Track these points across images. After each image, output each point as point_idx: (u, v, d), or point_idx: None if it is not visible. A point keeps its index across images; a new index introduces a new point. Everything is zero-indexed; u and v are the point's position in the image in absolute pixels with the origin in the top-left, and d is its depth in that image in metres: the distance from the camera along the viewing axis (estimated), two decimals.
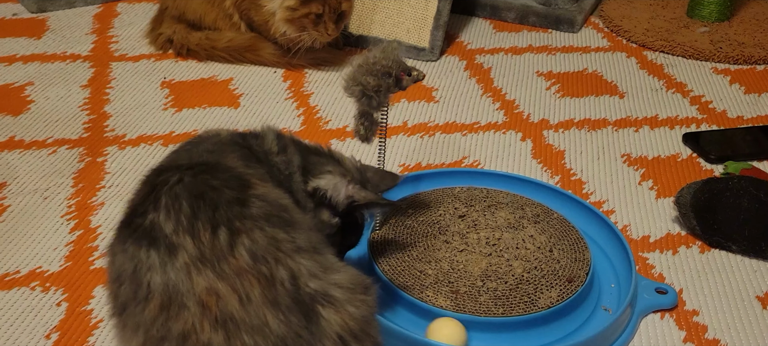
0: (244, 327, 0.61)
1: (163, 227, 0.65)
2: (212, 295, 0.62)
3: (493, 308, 0.89)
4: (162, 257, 0.63)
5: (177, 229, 0.64)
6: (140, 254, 0.64)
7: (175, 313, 0.62)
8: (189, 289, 0.62)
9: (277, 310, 0.62)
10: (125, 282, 0.65)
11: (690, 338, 0.93)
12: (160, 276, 0.63)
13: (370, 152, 1.27)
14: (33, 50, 1.62)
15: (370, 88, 0.86)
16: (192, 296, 0.62)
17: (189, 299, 0.62)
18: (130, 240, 0.66)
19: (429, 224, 1.02)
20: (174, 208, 0.66)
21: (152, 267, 0.63)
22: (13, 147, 1.28)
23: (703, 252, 1.07)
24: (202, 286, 0.62)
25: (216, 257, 0.63)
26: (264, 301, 0.62)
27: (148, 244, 0.64)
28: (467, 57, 1.65)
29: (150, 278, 0.63)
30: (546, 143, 1.33)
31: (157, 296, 0.63)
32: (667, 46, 1.68)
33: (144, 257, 0.64)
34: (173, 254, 0.63)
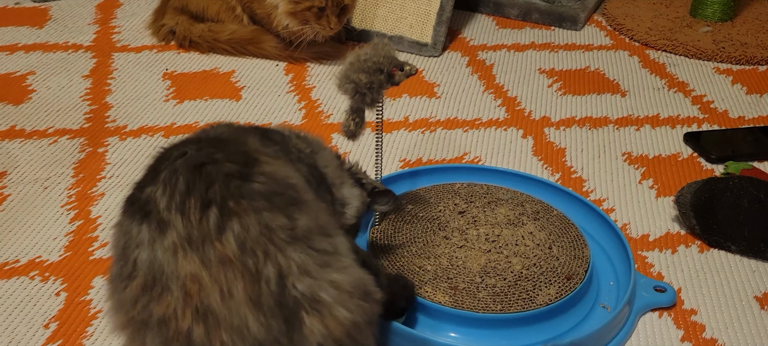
0: (223, 324, 0.59)
1: (158, 201, 0.62)
2: (195, 282, 0.59)
3: (491, 304, 0.89)
4: (152, 233, 0.61)
5: (170, 205, 0.62)
6: (132, 228, 0.62)
7: (158, 295, 0.60)
8: (174, 271, 0.60)
9: (258, 311, 0.59)
10: (116, 258, 0.64)
11: (688, 336, 0.93)
12: (147, 253, 0.61)
13: (368, 147, 1.27)
14: (35, 40, 1.62)
15: (362, 85, 0.86)
16: (176, 280, 0.60)
17: (173, 283, 0.60)
18: (127, 214, 0.64)
19: (429, 219, 1.02)
20: (171, 182, 0.63)
21: (141, 243, 0.61)
22: (14, 136, 1.28)
23: (703, 252, 1.07)
24: (187, 270, 0.60)
25: (202, 240, 0.60)
26: (246, 299, 0.59)
27: (142, 217, 0.62)
28: (469, 53, 1.65)
29: (137, 255, 0.61)
30: (547, 141, 1.33)
31: (141, 275, 0.61)
32: (669, 46, 1.67)
33: (135, 232, 0.62)
34: (163, 232, 0.61)
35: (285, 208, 0.63)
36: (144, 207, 0.63)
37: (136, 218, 0.63)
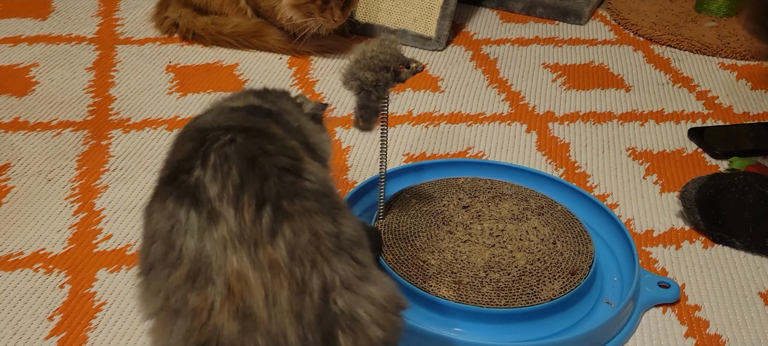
0: (261, 329, 0.58)
1: (208, 188, 0.61)
2: (241, 281, 0.59)
3: (495, 299, 0.89)
4: (201, 222, 0.60)
5: (222, 195, 0.61)
6: (180, 213, 0.61)
7: (200, 286, 0.59)
8: (221, 266, 0.59)
9: (299, 324, 0.59)
10: (158, 241, 0.62)
11: (691, 333, 0.93)
12: (195, 242, 0.60)
13: (373, 141, 1.27)
14: (38, 31, 1.62)
15: (368, 83, 0.85)
16: (222, 275, 0.59)
17: (218, 277, 0.59)
18: (172, 197, 0.62)
19: (433, 214, 1.02)
20: (222, 170, 0.62)
21: (189, 230, 0.60)
22: (18, 128, 1.28)
23: (707, 247, 1.07)
24: (234, 267, 0.59)
25: (254, 241, 0.59)
26: (289, 309, 0.59)
27: (190, 204, 0.61)
28: (473, 47, 1.64)
29: (184, 242, 0.60)
30: (551, 135, 1.33)
31: (186, 263, 0.60)
32: (674, 41, 1.67)
33: (183, 218, 0.61)
34: (214, 223, 0.60)
35: (331, 211, 0.63)
36: (193, 193, 0.61)
37: (184, 203, 0.61)
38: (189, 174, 0.63)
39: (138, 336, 0.88)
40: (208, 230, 0.60)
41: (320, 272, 0.61)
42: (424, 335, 0.85)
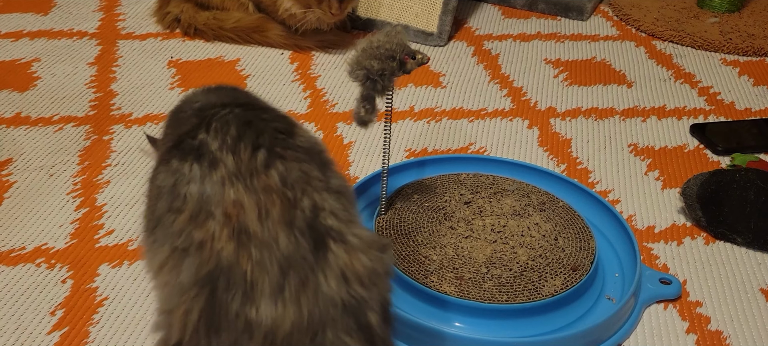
0: (255, 241, 0.62)
1: (210, 144, 0.67)
2: (237, 206, 0.63)
3: (497, 294, 0.89)
4: (203, 170, 0.65)
5: (222, 147, 0.67)
6: (184, 167, 0.66)
7: (202, 221, 0.63)
8: (219, 200, 0.64)
9: (290, 230, 0.63)
10: (163, 196, 0.67)
11: (693, 329, 0.93)
12: (198, 187, 0.65)
13: (376, 136, 1.27)
14: (40, 26, 1.62)
15: (374, 72, 0.86)
16: (220, 206, 0.63)
17: (217, 209, 0.63)
18: (177, 157, 0.68)
19: (434, 209, 1.02)
20: (222, 130, 0.68)
21: (193, 179, 0.65)
22: (20, 123, 1.28)
23: (708, 244, 1.07)
24: (231, 197, 0.64)
25: (249, 173, 0.65)
26: (280, 219, 0.63)
27: (194, 159, 0.66)
28: (475, 43, 1.64)
29: (188, 189, 0.65)
30: (553, 131, 1.32)
31: (189, 206, 0.64)
32: (676, 36, 1.67)
33: (186, 170, 0.66)
34: (214, 168, 0.65)
35: (320, 165, 0.69)
36: (197, 150, 0.67)
37: (188, 159, 0.67)
38: (194, 139, 0.69)
39: (140, 331, 0.88)
40: (209, 175, 0.65)
41: (310, 197, 0.66)
42: (425, 331, 0.85)
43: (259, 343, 0.60)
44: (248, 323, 0.61)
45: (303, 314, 0.61)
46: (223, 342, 0.61)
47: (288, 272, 0.62)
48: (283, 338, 0.60)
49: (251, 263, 0.62)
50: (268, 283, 0.61)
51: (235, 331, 0.61)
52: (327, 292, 0.63)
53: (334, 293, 0.63)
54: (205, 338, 0.62)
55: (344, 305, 0.63)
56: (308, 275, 0.62)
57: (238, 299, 0.61)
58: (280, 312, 0.61)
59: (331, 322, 0.62)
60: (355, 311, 0.63)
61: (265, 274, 0.61)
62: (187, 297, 0.62)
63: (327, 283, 0.63)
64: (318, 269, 0.63)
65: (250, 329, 0.61)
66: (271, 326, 0.60)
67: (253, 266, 0.62)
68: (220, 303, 0.61)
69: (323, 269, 0.63)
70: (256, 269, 0.62)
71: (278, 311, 0.61)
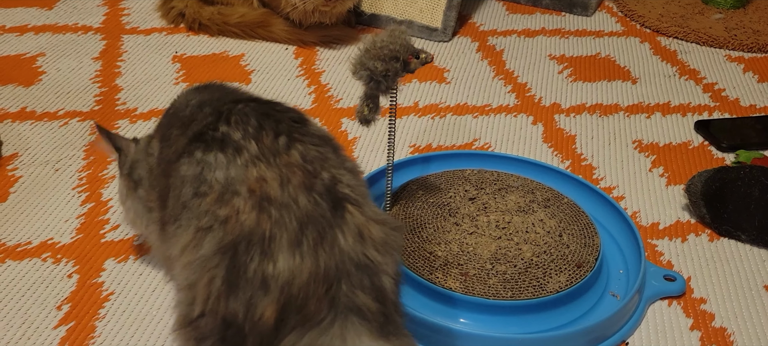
0: (275, 204, 0.66)
1: (232, 135, 0.71)
2: (260, 181, 0.67)
3: (501, 291, 0.89)
4: (228, 157, 0.69)
5: (245, 136, 0.70)
6: (209, 157, 0.70)
7: (228, 200, 0.67)
8: (243, 179, 0.67)
9: (309, 193, 0.67)
10: (187, 184, 0.70)
11: (697, 325, 0.93)
12: (223, 173, 0.68)
13: (380, 133, 1.27)
14: (44, 21, 1.62)
15: (377, 73, 0.86)
16: (244, 184, 0.67)
17: (242, 187, 0.67)
18: (201, 148, 0.71)
19: (439, 206, 1.03)
20: (243, 122, 0.72)
21: (219, 165, 0.69)
22: (25, 118, 1.28)
23: (713, 241, 1.07)
24: (254, 175, 0.67)
25: (272, 154, 0.69)
26: (300, 185, 0.67)
27: (218, 148, 0.70)
28: (479, 38, 1.64)
29: (214, 175, 0.69)
30: (557, 127, 1.32)
31: (216, 190, 0.68)
32: (681, 32, 1.66)
33: (212, 159, 0.69)
34: (238, 153, 0.69)
35: (334, 150, 0.74)
36: (221, 140, 0.71)
37: (212, 149, 0.70)
38: (216, 131, 0.72)
39: (146, 326, 0.89)
40: (234, 161, 0.69)
41: (328, 172, 0.70)
42: (430, 327, 0.85)
43: (275, 296, 0.62)
44: (265, 278, 0.63)
45: (319, 265, 0.63)
46: (240, 300, 0.63)
47: (306, 227, 0.65)
48: (299, 288, 0.63)
49: (270, 222, 0.64)
50: (286, 237, 0.64)
51: (252, 288, 0.63)
52: (344, 246, 0.65)
53: (350, 249, 0.65)
54: (225, 301, 0.64)
55: (359, 263, 0.65)
56: (326, 230, 0.65)
57: (256, 259, 0.63)
58: (298, 263, 0.63)
59: (346, 275, 0.64)
60: (369, 272, 0.66)
61: (283, 229, 0.64)
62: (210, 266, 0.65)
63: (344, 239, 0.66)
64: (335, 226, 0.66)
65: (266, 284, 0.63)
66: (288, 277, 0.63)
67: (271, 224, 0.64)
68: (239, 265, 0.64)
69: (340, 226, 0.66)
70: (274, 226, 0.64)
71: (296, 262, 0.63)
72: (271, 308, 0.63)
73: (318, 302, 0.63)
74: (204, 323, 0.66)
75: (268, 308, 0.63)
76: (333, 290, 0.63)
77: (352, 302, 0.64)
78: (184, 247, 0.68)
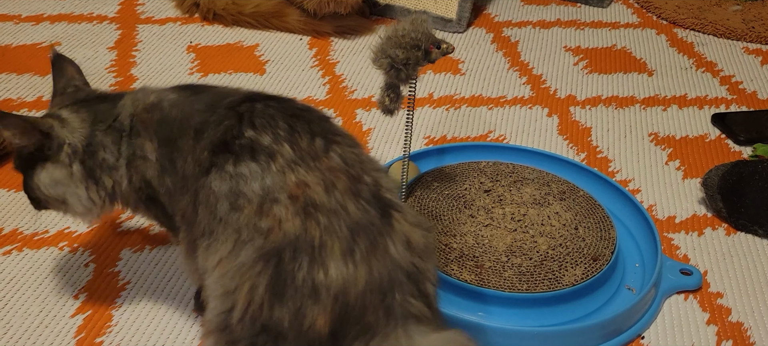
0: (322, 210, 0.64)
1: (261, 140, 0.68)
2: (301, 186, 0.65)
3: (517, 283, 0.89)
4: (262, 165, 0.66)
5: (276, 139, 0.68)
6: (241, 168, 0.67)
7: (268, 209, 0.65)
8: (282, 185, 0.65)
9: (357, 200, 0.66)
10: (221, 200, 0.67)
11: (713, 320, 0.93)
12: (259, 183, 0.66)
13: (397, 124, 1.27)
14: (60, 10, 1.63)
15: (398, 60, 0.86)
16: (284, 191, 0.65)
17: (281, 194, 0.65)
18: (231, 160, 0.68)
19: (454, 197, 1.02)
20: (271, 125, 0.69)
21: (253, 176, 0.66)
22: (42, 107, 1.28)
23: (729, 235, 1.07)
24: (293, 181, 0.65)
25: (310, 157, 0.67)
26: (347, 191, 0.66)
27: (249, 158, 0.67)
28: (494, 30, 1.63)
29: (249, 187, 0.66)
30: (572, 120, 1.32)
31: (254, 201, 0.65)
32: (698, 24, 1.65)
33: (245, 171, 0.67)
34: (272, 160, 0.67)
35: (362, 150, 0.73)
36: (250, 148, 0.68)
37: (243, 159, 0.67)
38: (241, 138, 0.69)
39: (162, 315, 0.89)
40: (268, 168, 0.66)
41: (369, 175, 0.69)
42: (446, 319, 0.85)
43: (328, 306, 0.61)
44: (315, 286, 0.61)
45: (374, 274, 0.63)
46: (287, 308, 0.62)
47: (358, 234, 0.63)
48: (356, 297, 0.62)
49: (319, 229, 0.63)
50: (338, 245, 0.63)
51: (301, 296, 0.61)
52: (395, 256, 0.64)
53: (400, 258, 0.65)
54: (269, 309, 0.62)
55: (408, 272, 0.65)
56: (377, 239, 0.64)
57: (304, 266, 0.62)
58: (352, 272, 0.62)
59: (398, 285, 0.64)
60: (415, 280, 0.65)
61: (334, 237, 0.63)
62: (252, 273, 0.63)
63: (394, 247, 0.65)
64: (386, 234, 0.65)
65: (316, 292, 0.61)
66: (342, 285, 0.61)
67: (321, 231, 0.63)
68: (286, 272, 0.62)
69: (390, 235, 0.65)
70: (324, 233, 0.63)
71: (349, 270, 0.62)
72: (323, 317, 0.61)
73: (375, 312, 0.62)
74: (240, 328, 0.64)
75: (320, 317, 0.61)
76: (387, 299, 0.63)
77: (407, 310, 0.64)
78: (221, 258, 0.66)
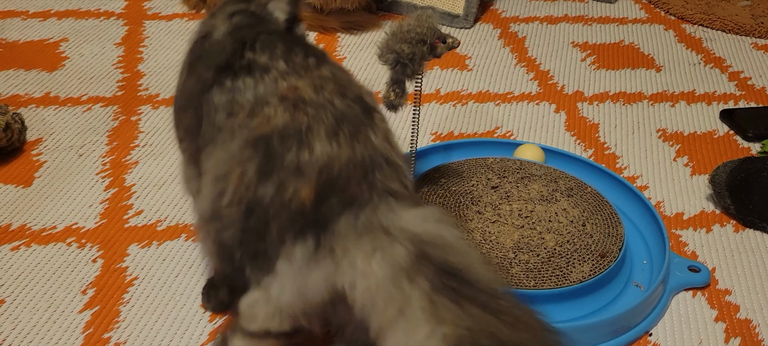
0: (311, 104, 0.69)
1: (258, 60, 0.73)
2: (292, 89, 0.70)
3: (524, 280, 0.89)
4: (256, 79, 0.72)
5: (272, 58, 0.73)
6: (238, 83, 0.73)
7: (258, 111, 0.70)
8: (273, 91, 0.70)
9: (344, 98, 0.71)
10: (220, 111, 0.73)
11: (721, 317, 0.92)
12: (252, 93, 0.71)
13: (405, 120, 1.27)
14: (67, 6, 1.63)
15: (404, 56, 0.85)
16: (275, 95, 0.70)
17: (272, 98, 0.70)
18: (229, 77, 0.74)
19: (461, 194, 1.02)
20: (269, 47, 0.74)
21: (247, 88, 0.72)
22: (49, 103, 1.29)
23: (737, 231, 1.06)
24: (284, 86, 0.71)
25: (303, 69, 0.72)
26: (334, 91, 0.71)
27: (246, 74, 0.73)
28: (501, 25, 1.63)
29: (244, 97, 0.71)
30: (580, 116, 1.31)
31: (246, 107, 0.71)
32: (706, 20, 1.64)
33: (241, 85, 0.72)
34: (266, 73, 0.72)
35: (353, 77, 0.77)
36: (248, 67, 0.73)
37: (240, 76, 0.73)
38: (241, 59, 0.74)
39: (170, 311, 0.90)
40: (262, 80, 0.72)
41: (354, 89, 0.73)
42: None
43: (312, 178, 0.66)
44: (299, 165, 0.67)
45: (356, 154, 0.68)
46: (271, 184, 0.67)
47: (342, 122, 0.69)
48: (340, 169, 0.67)
49: (307, 117, 0.68)
50: (323, 128, 0.68)
51: (285, 173, 0.67)
52: (376, 143, 0.70)
53: (381, 147, 0.70)
54: (254, 188, 0.67)
55: (389, 160, 0.70)
56: (360, 128, 0.69)
57: (293, 149, 0.67)
58: (336, 150, 0.67)
59: (378, 166, 0.68)
60: (395, 168, 0.70)
61: (320, 122, 0.68)
62: (242, 158, 0.68)
63: (376, 138, 0.70)
64: (368, 126, 0.70)
65: (300, 169, 0.66)
66: (326, 160, 0.67)
67: (309, 119, 0.68)
68: (275, 155, 0.67)
69: (372, 128, 0.70)
70: (312, 120, 0.68)
71: (333, 148, 0.67)
72: (307, 187, 0.66)
73: (358, 185, 0.67)
74: (227, 213, 0.69)
75: (304, 188, 0.66)
76: (369, 176, 0.68)
77: (388, 187, 0.68)
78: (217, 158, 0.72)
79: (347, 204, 0.66)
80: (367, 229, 0.66)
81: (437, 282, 0.63)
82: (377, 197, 0.67)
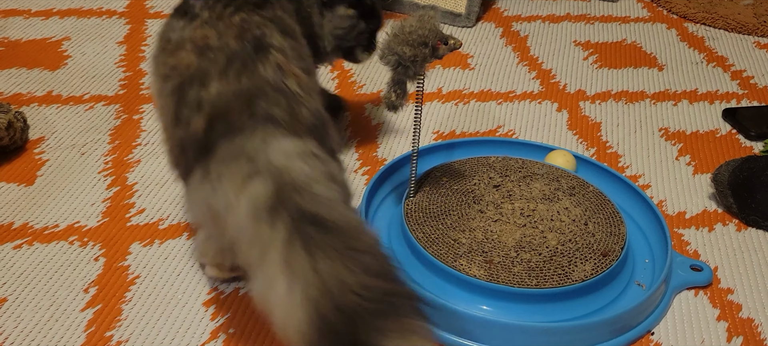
0: (212, 50, 0.81)
1: (195, 6, 0.86)
2: (204, 38, 0.82)
3: (526, 279, 0.89)
4: (185, 22, 0.85)
5: (203, 7, 0.85)
6: (173, 21, 0.87)
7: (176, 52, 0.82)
8: (191, 37, 0.82)
9: (239, 40, 0.81)
10: (159, 41, 0.87)
11: (724, 316, 0.92)
12: (178, 34, 0.84)
13: (406, 119, 1.27)
14: (69, 5, 1.63)
15: (406, 58, 0.85)
16: (191, 42, 0.82)
17: (189, 44, 0.82)
18: (174, 15, 0.88)
19: (463, 192, 1.02)
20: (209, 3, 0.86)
21: (177, 29, 0.85)
22: (51, 102, 1.29)
23: (740, 230, 1.06)
24: (200, 34, 0.82)
25: (218, 19, 0.83)
26: (233, 36, 0.82)
27: (181, 16, 0.86)
28: (504, 24, 1.63)
29: (172, 35, 0.85)
30: (582, 115, 1.31)
31: (172, 45, 0.84)
32: (708, 19, 1.64)
33: (175, 23, 0.86)
34: (193, 19, 0.84)
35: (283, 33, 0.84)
36: (184, 9, 0.86)
37: (177, 16, 0.87)
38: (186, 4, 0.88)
39: (171, 309, 0.90)
40: (189, 25, 0.84)
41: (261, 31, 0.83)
42: (454, 314, 0.85)
43: (207, 112, 0.77)
44: (199, 100, 0.78)
45: (242, 86, 0.78)
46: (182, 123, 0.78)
47: (233, 61, 0.79)
48: (227, 102, 0.77)
49: (207, 61, 0.80)
50: (217, 69, 0.79)
51: (189, 110, 0.78)
52: (263, 74, 0.79)
53: (269, 77, 0.79)
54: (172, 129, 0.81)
55: (277, 87, 0.78)
56: (248, 63, 0.79)
57: (195, 89, 0.79)
58: (224, 86, 0.78)
59: (263, 94, 0.78)
60: (285, 96, 0.78)
61: (216, 64, 0.79)
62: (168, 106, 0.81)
63: (264, 69, 0.79)
64: (257, 60, 0.80)
65: (200, 104, 0.78)
66: (216, 95, 0.78)
67: (208, 63, 0.80)
68: (184, 95, 0.79)
69: (262, 61, 0.80)
70: (210, 64, 0.80)
71: (223, 86, 0.78)
72: (200, 119, 0.77)
73: (239, 114, 0.76)
74: (170, 152, 0.83)
75: (199, 120, 0.77)
76: (252, 105, 0.77)
77: (268, 113, 0.76)
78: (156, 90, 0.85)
79: (228, 131, 0.76)
80: (236, 154, 0.74)
81: (294, 229, 0.69)
82: (256, 123, 0.76)
